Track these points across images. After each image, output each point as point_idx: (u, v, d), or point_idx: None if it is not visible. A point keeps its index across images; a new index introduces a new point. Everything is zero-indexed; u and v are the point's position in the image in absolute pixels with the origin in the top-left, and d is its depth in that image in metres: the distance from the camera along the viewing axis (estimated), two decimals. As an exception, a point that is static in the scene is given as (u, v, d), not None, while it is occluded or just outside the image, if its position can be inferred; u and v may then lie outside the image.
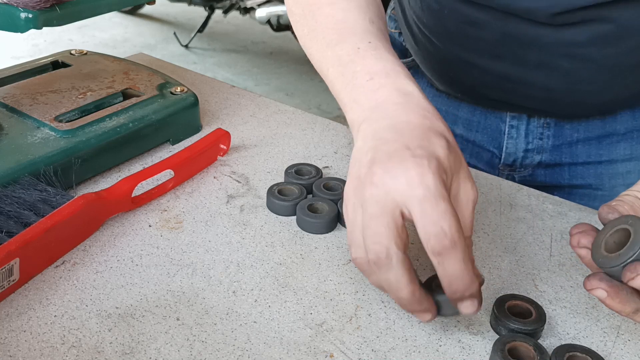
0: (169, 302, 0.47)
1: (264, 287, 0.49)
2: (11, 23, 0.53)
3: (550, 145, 0.69)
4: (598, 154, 0.69)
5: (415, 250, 0.53)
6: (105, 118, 0.61)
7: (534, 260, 0.53)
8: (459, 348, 0.45)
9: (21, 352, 0.42)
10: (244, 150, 0.67)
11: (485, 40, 0.63)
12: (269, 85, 3.23)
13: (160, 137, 0.65)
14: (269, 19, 3.22)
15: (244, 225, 0.55)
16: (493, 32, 0.61)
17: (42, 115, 0.60)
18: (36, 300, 0.46)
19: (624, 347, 0.46)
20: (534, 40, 0.60)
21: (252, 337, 0.44)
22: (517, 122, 0.69)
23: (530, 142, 0.70)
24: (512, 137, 0.70)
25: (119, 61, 0.74)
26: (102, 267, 0.49)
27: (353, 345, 0.44)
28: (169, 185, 0.59)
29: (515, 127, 0.69)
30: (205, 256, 0.51)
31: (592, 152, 0.69)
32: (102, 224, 0.54)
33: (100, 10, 0.59)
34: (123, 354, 0.42)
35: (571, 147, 0.69)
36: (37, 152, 0.55)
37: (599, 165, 0.69)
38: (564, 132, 0.68)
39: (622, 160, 0.68)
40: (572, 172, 0.70)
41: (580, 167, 0.70)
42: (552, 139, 0.69)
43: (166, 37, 3.71)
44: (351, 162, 0.43)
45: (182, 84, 0.69)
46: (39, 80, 0.67)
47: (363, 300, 0.48)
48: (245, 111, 0.75)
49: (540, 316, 0.45)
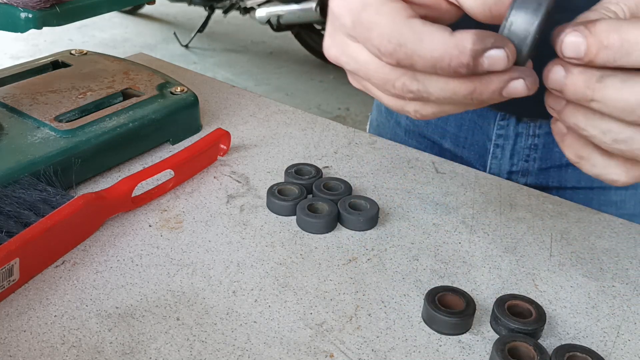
0: (169, 302, 0.47)
1: (264, 287, 0.49)
2: (11, 23, 0.53)
3: (536, 167, 0.66)
4: (589, 180, 0.64)
5: (415, 251, 0.53)
6: (105, 118, 0.61)
7: (534, 260, 0.53)
8: (459, 348, 0.45)
9: (21, 352, 0.42)
10: (244, 150, 0.67)
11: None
12: (269, 85, 3.23)
13: (160, 137, 0.65)
14: (269, 19, 3.22)
15: (244, 225, 0.55)
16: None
17: (42, 115, 0.60)
18: (36, 300, 0.46)
19: (624, 347, 0.46)
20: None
21: (252, 337, 0.44)
22: (503, 142, 0.66)
23: (515, 164, 0.67)
24: (497, 157, 0.67)
25: (119, 61, 0.74)
26: (102, 267, 0.49)
27: (353, 345, 0.44)
28: (169, 185, 0.59)
29: (501, 147, 0.66)
30: (205, 256, 0.51)
31: (583, 177, 0.65)
32: (102, 224, 0.54)
33: (101, 10, 0.59)
34: (123, 353, 0.42)
35: (560, 170, 0.65)
36: (37, 152, 0.55)
37: (590, 191, 0.65)
38: (552, 154, 0.65)
39: (617, 188, 0.64)
40: (559, 196, 0.67)
41: (568, 192, 0.66)
42: (538, 162, 0.66)
43: (166, 37, 3.71)
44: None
45: (182, 84, 0.69)
46: (39, 80, 0.67)
47: (363, 300, 0.48)
48: (245, 111, 0.75)
49: (540, 316, 0.45)
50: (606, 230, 0.57)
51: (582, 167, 0.37)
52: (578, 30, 0.32)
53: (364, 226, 0.55)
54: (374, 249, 0.53)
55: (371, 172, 0.64)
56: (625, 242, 0.56)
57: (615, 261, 0.54)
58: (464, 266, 0.52)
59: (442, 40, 0.33)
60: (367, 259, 0.52)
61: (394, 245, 0.54)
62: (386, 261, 0.52)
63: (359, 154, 0.68)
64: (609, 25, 0.31)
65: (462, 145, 0.70)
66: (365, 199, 0.57)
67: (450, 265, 0.52)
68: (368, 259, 0.52)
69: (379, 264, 0.52)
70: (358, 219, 0.55)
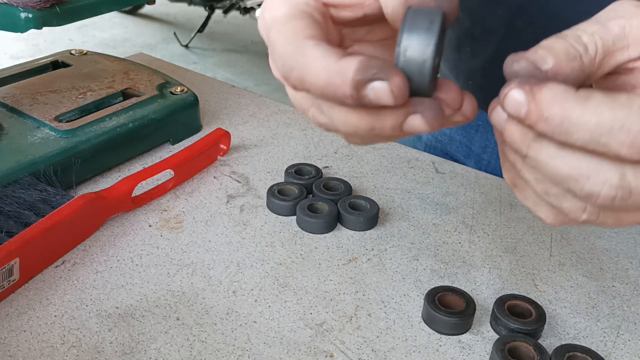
0: (168, 302, 0.47)
1: (264, 287, 0.49)
2: (11, 23, 0.53)
3: None
4: None
5: (415, 251, 0.53)
6: (105, 118, 0.61)
7: (534, 260, 0.53)
8: (459, 348, 0.45)
9: (21, 352, 0.42)
10: (244, 150, 0.67)
11: (503, 9, 0.54)
12: (269, 85, 3.23)
13: (160, 137, 0.65)
14: (269, 19, 3.22)
15: (244, 225, 0.55)
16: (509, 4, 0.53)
17: (42, 115, 0.60)
18: (36, 300, 0.46)
19: (624, 347, 0.46)
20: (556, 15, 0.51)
21: (252, 337, 0.44)
22: None
23: None
24: None
25: (119, 61, 0.74)
26: (102, 267, 0.49)
27: (353, 345, 0.44)
28: (169, 185, 0.59)
29: None
30: (205, 256, 0.51)
31: None
32: (102, 224, 0.54)
33: (101, 10, 0.59)
34: (123, 354, 0.42)
35: None
36: (37, 152, 0.55)
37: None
38: None
39: None
40: None
41: None
42: None
43: (166, 37, 3.71)
44: None
45: (182, 84, 0.69)
46: (39, 80, 0.67)
47: (363, 300, 0.48)
48: (245, 111, 0.75)
49: (540, 316, 0.45)
50: (606, 230, 0.57)
51: (515, 194, 0.35)
52: (523, 90, 0.29)
53: (364, 226, 0.55)
54: (374, 249, 0.53)
55: (371, 172, 0.64)
56: (625, 242, 0.56)
57: (615, 261, 0.54)
58: (464, 266, 0.52)
59: (325, 66, 0.30)
60: (367, 259, 0.52)
61: (394, 245, 0.54)
62: (386, 261, 0.52)
63: (359, 154, 0.67)
64: (555, 96, 0.28)
65: (484, 168, 0.68)
66: (365, 199, 0.57)
67: (450, 265, 0.52)
68: (368, 259, 0.52)
69: (379, 264, 0.52)
70: (358, 219, 0.55)
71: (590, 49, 0.30)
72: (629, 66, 0.31)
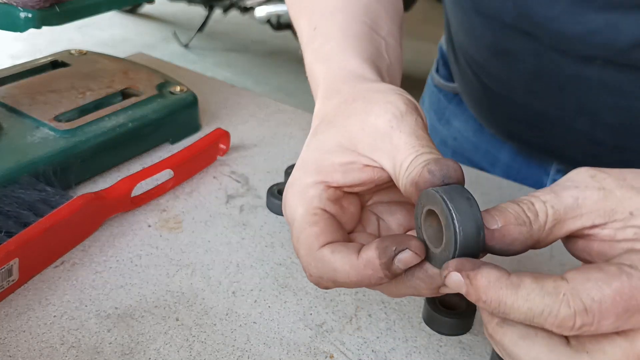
0: (168, 302, 0.46)
1: (264, 287, 0.49)
2: (11, 23, 0.53)
3: None
4: None
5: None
6: (105, 118, 0.61)
7: (534, 260, 0.53)
8: (459, 349, 0.45)
9: (21, 352, 0.41)
10: (244, 150, 0.67)
11: (519, 72, 0.56)
12: (269, 85, 3.23)
13: (160, 137, 0.65)
14: (268, 19, 3.22)
15: (244, 226, 0.55)
16: (527, 64, 0.55)
17: (42, 115, 0.60)
18: (35, 300, 0.46)
19: (625, 347, 0.46)
20: (571, 79, 0.52)
21: (252, 338, 0.44)
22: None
23: None
24: None
25: (118, 61, 0.74)
26: (102, 267, 0.49)
27: (353, 346, 0.44)
28: (168, 185, 0.59)
29: None
30: (204, 256, 0.51)
31: None
32: (102, 224, 0.54)
33: (100, 10, 0.59)
34: (122, 354, 0.42)
35: None
36: (36, 152, 0.55)
37: None
38: None
39: None
40: None
41: None
42: None
43: (166, 36, 3.71)
44: None
45: (182, 84, 0.69)
46: (39, 80, 0.67)
47: (363, 300, 0.48)
48: (245, 111, 0.75)
49: (541, 317, 0.45)
50: (606, 230, 0.57)
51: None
52: (461, 274, 0.30)
53: (364, 226, 0.55)
54: (374, 249, 0.53)
55: (371, 172, 0.64)
56: (625, 242, 0.56)
57: (615, 261, 0.54)
58: (464, 266, 0.52)
59: (352, 266, 0.33)
60: (367, 259, 0.52)
61: (394, 245, 0.54)
62: (386, 261, 0.52)
63: (359, 154, 0.67)
64: (489, 283, 0.29)
65: (513, 178, 0.67)
66: (365, 199, 0.57)
67: (450, 266, 0.52)
68: (368, 259, 0.52)
69: (379, 265, 0.51)
70: (358, 219, 0.55)
71: (540, 216, 0.31)
72: (585, 232, 0.32)
